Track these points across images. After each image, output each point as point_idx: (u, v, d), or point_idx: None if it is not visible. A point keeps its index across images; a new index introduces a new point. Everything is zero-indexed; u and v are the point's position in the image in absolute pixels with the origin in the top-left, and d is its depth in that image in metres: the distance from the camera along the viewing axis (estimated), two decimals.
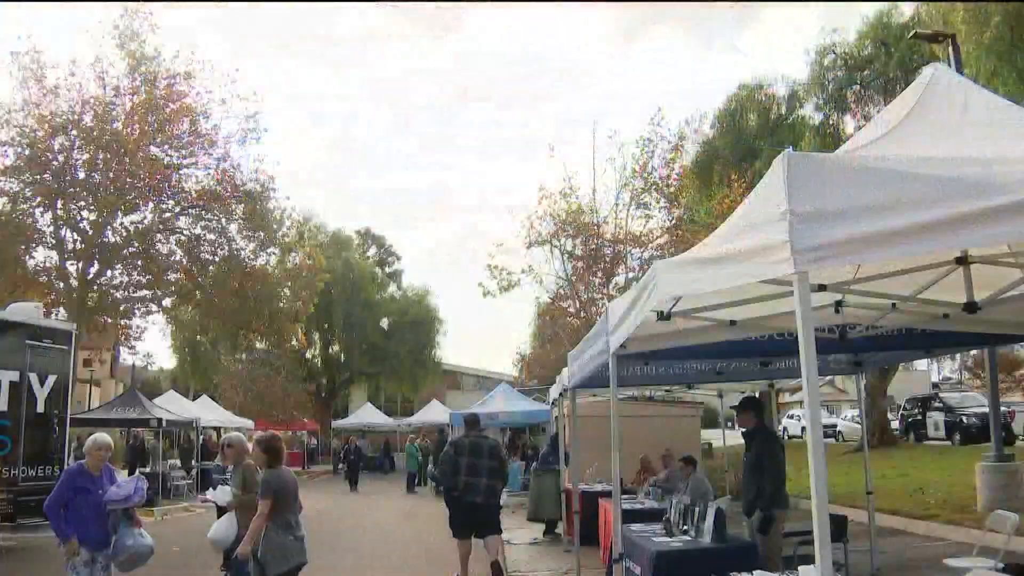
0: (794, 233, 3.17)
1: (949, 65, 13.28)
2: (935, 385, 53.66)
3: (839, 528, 9.60)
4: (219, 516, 9.26)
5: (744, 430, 9.12)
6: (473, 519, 11.27)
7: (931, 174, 3.25)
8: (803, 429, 42.83)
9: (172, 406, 30.37)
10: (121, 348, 34.21)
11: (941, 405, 32.29)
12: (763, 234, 3.43)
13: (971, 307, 5.95)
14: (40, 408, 14.86)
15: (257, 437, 8.15)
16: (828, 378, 28.87)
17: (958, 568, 7.76)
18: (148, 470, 27.48)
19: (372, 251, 60.25)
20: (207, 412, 33.64)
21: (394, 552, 14.85)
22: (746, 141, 31.21)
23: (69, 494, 7.55)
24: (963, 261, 5.35)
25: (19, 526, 15.05)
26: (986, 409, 24.53)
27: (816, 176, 3.31)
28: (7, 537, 15.27)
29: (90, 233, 26.37)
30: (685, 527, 8.37)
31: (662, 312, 5.43)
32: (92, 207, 26.28)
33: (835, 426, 40.10)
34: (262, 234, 28.87)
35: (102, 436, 8.12)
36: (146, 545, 7.99)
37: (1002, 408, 19.55)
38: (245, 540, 7.23)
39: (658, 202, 28.83)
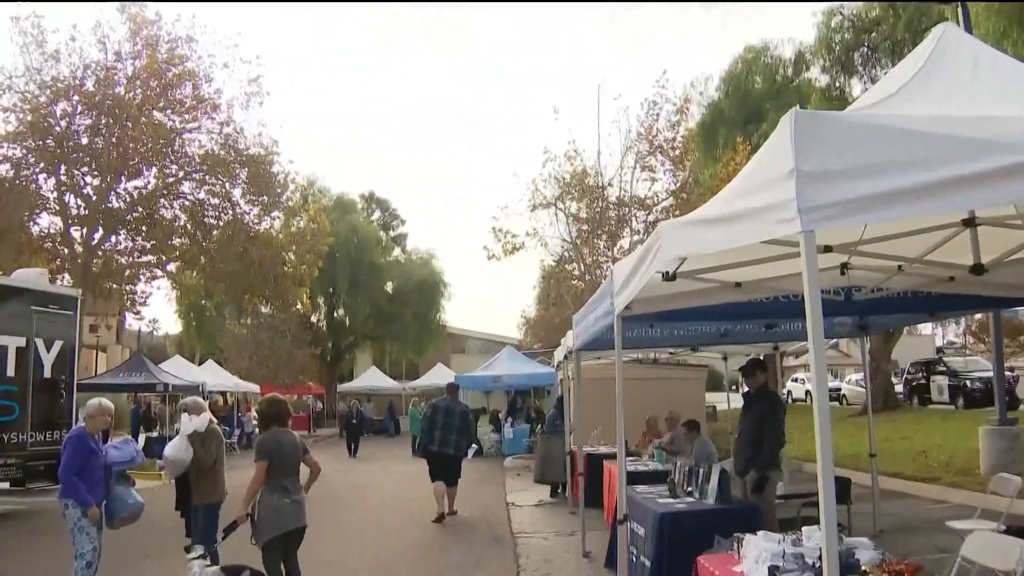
0: (801, 192, 3.14)
1: (958, 26, 13.14)
2: (939, 350, 53.64)
3: (842, 490, 9.66)
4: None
5: (746, 392, 9.14)
6: (443, 466, 14.07)
7: (940, 133, 3.22)
8: (807, 393, 42.93)
9: (178, 371, 30.48)
10: (127, 314, 34.31)
11: (945, 369, 32.27)
12: (769, 193, 3.41)
13: (978, 269, 5.92)
14: (47, 374, 14.94)
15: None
16: (833, 342, 28.91)
17: (960, 530, 7.78)
18: (155, 434, 27.68)
19: (376, 215, 60.22)
20: (213, 377, 33.76)
21: (399, 515, 14.93)
22: (752, 104, 31.04)
23: (83, 460, 7.60)
24: (970, 223, 5.32)
25: (28, 491, 15.20)
26: (990, 373, 24.52)
27: (823, 135, 3.27)
28: (17, 502, 15.42)
29: (94, 199, 26.38)
30: (689, 489, 8.41)
31: (667, 273, 5.42)
32: (95, 172, 26.29)
33: (839, 390, 40.13)
34: (266, 198, 28.85)
35: (106, 401, 8.16)
36: (139, 503, 8.12)
37: (1006, 372, 19.55)
38: (242, 503, 7.26)
39: (663, 165, 28.70)
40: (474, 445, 20.70)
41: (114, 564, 8.87)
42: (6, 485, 14.74)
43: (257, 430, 8.16)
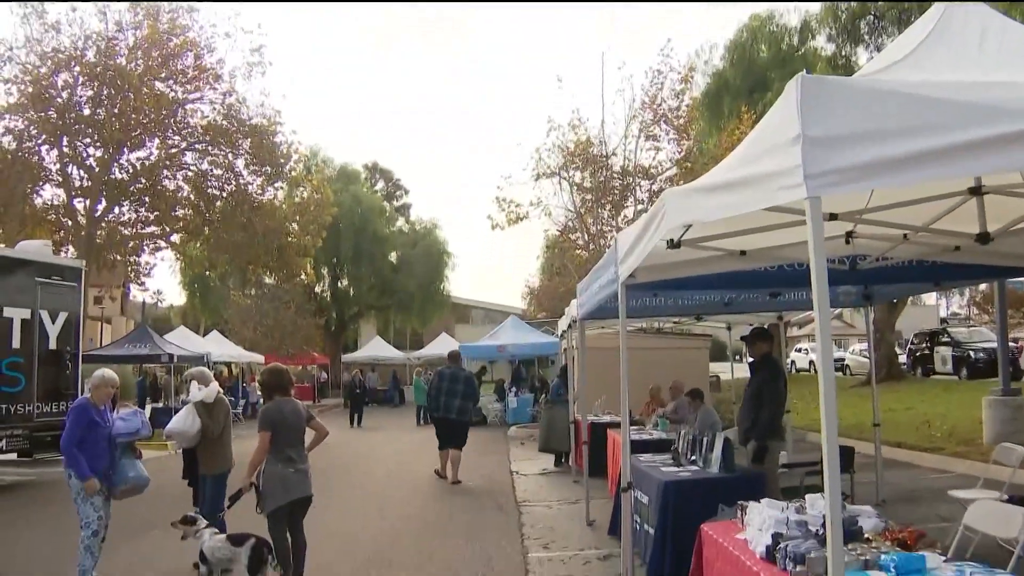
0: (807, 157, 3.11)
1: None
2: (943, 320, 53.68)
3: (846, 459, 9.68)
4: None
5: (751, 361, 9.15)
6: (449, 431, 14.74)
7: (947, 99, 3.18)
8: (811, 363, 43.04)
9: (183, 342, 30.58)
10: (131, 285, 34.31)
11: (949, 340, 32.27)
12: (774, 159, 3.38)
13: (983, 238, 5.89)
14: (52, 345, 15.00)
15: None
16: (837, 312, 28.84)
17: (963, 499, 7.81)
18: (160, 405, 27.81)
19: (380, 185, 60.08)
20: (218, 347, 33.87)
21: (403, 485, 15.01)
22: (757, 73, 30.84)
23: (84, 430, 7.63)
24: (977, 191, 5.28)
25: (35, 461, 15.31)
26: (994, 344, 24.50)
27: (830, 100, 3.24)
28: (25, 472, 15.53)
29: (97, 170, 26.34)
30: (693, 457, 8.43)
31: (672, 240, 5.39)
32: (98, 144, 26.23)
33: (843, 360, 40.16)
34: (269, 168, 28.78)
35: (110, 372, 8.17)
36: (145, 476, 8.12)
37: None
38: (246, 473, 7.33)
39: (667, 134, 28.55)
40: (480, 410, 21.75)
41: (121, 534, 8.93)
42: (13, 456, 14.84)
43: (261, 400, 8.18)
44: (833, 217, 5.32)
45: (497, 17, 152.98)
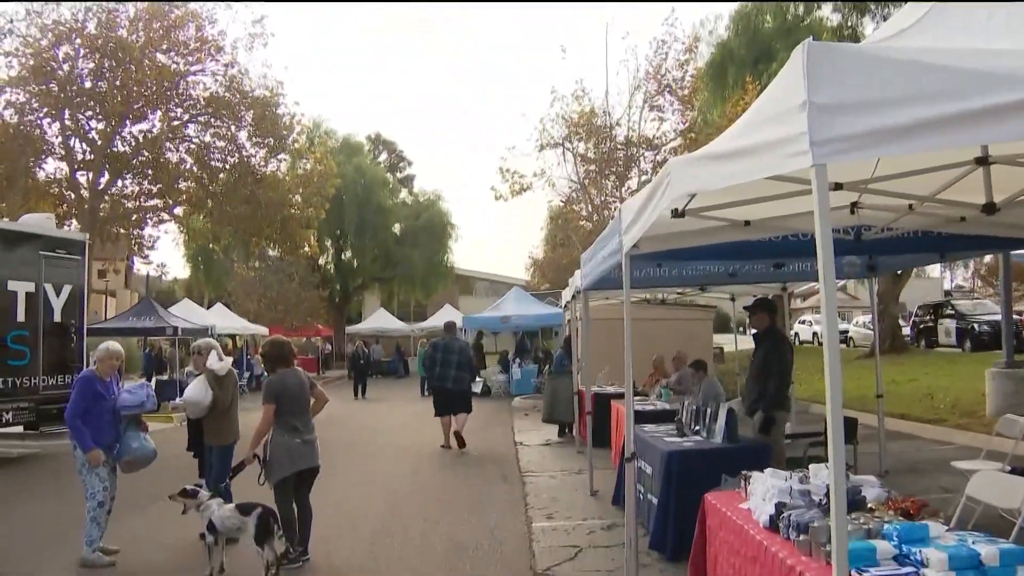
0: (813, 124, 3.08)
1: None
2: (947, 293, 53.56)
3: (849, 430, 9.68)
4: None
5: (755, 331, 9.14)
6: (447, 400, 15.26)
7: (955, 66, 3.15)
8: (814, 335, 43.06)
9: (187, 315, 30.60)
10: (135, 258, 34.38)
11: (953, 312, 32.27)
12: (780, 126, 3.34)
13: (990, 208, 5.85)
14: (57, 318, 15.01)
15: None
16: (840, 284, 28.81)
17: (965, 470, 7.82)
18: (166, 378, 27.87)
19: (383, 157, 59.87)
20: (222, 320, 33.91)
21: (407, 456, 15.07)
22: (762, 43, 30.58)
23: (88, 402, 7.66)
24: (983, 161, 5.23)
25: (42, 433, 15.38)
26: (997, 317, 24.48)
27: (837, 67, 3.20)
28: (31, 445, 15.60)
29: (99, 143, 26.28)
30: (697, 428, 8.45)
31: (676, 210, 5.37)
32: (99, 116, 26.15)
33: (846, 332, 40.17)
34: (272, 140, 28.70)
35: (115, 344, 8.19)
36: (150, 449, 8.18)
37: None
38: (250, 444, 7.41)
39: (671, 105, 28.43)
40: (478, 378, 22.72)
41: (127, 505, 8.98)
42: (20, 428, 14.90)
43: (266, 372, 8.23)
44: (838, 187, 5.28)
45: None
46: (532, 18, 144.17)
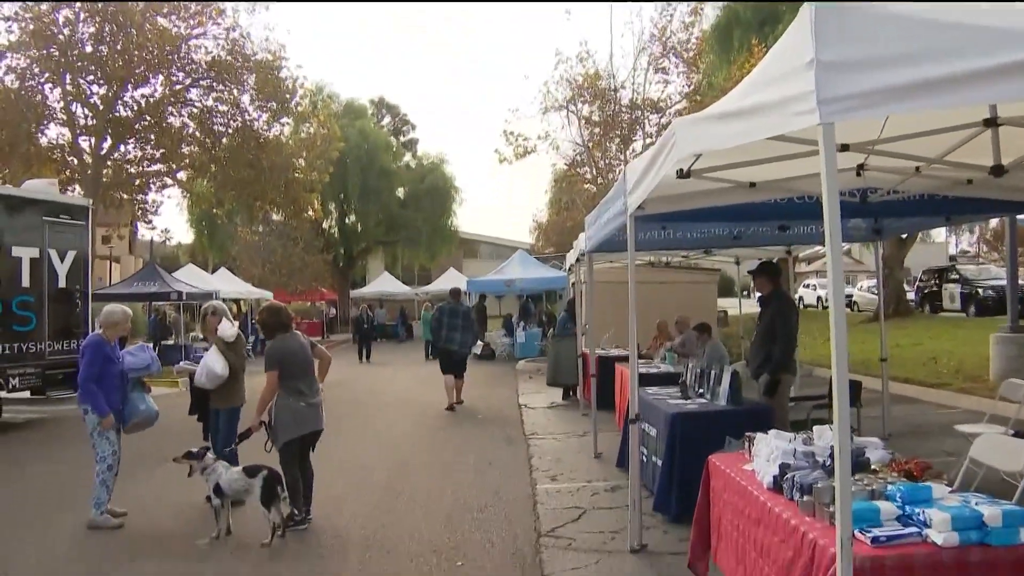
0: (820, 83, 3.04)
1: None
2: (952, 258, 53.43)
3: (853, 392, 9.67)
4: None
5: (760, 295, 9.12)
6: (451, 361, 16.06)
7: (965, 24, 3.11)
8: (818, 299, 43.01)
9: (191, 279, 30.62)
10: (138, 224, 34.28)
11: (957, 277, 32.17)
12: (787, 85, 3.31)
13: (998, 170, 5.81)
14: (61, 284, 15.04)
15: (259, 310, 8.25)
16: (845, 248, 28.69)
17: (969, 434, 7.82)
18: (171, 342, 27.96)
19: (386, 120, 59.61)
20: (226, 284, 33.93)
21: (412, 419, 15.13)
22: (768, 5, 30.27)
23: (99, 367, 7.71)
24: (992, 123, 5.18)
25: (48, 399, 15.47)
26: (1002, 282, 24.43)
27: (844, 25, 3.16)
28: (39, 410, 15.69)
29: (101, 108, 26.14)
30: (701, 390, 8.46)
31: (682, 170, 5.33)
32: (101, 81, 26.00)
33: (850, 296, 40.07)
34: (274, 104, 28.55)
35: (122, 307, 8.22)
36: (155, 410, 8.27)
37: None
38: (256, 411, 7.47)
39: (676, 67, 28.22)
40: (479, 342, 24.01)
41: (133, 468, 9.05)
42: (27, 394, 14.98)
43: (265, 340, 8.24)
44: (845, 148, 5.25)
45: None
46: None
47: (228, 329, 8.56)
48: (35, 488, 9.60)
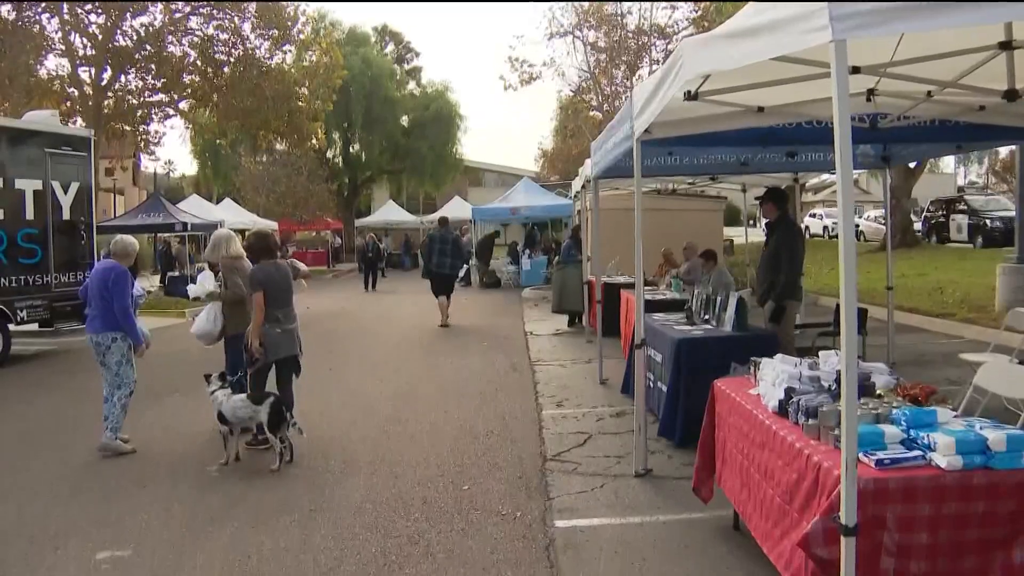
0: None
1: None
2: (960, 188, 53.02)
3: (859, 320, 9.67)
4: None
5: (767, 221, 9.07)
6: (440, 284, 17.98)
7: None
8: (824, 228, 42.83)
9: (196, 210, 30.59)
10: (142, 156, 34.13)
11: (965, 208, 31.95)
12: (799, 2, 3.23)
13: (1011, 95, 5.72)
14: (66, 216, 15.00)
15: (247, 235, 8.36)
16: (854, 176, 28.41)
17: (973, 362, 7.83)
18: (177, 273, 28.03)
19: (390, 48, 58.75)
20: (231, 215, 33.91)
21: (418, 346, 15.20)
22: None
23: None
24: (1007, 46, 5.08)
25: (56, 331, 15.56)
26: (1010, 213, 24.23)
27: None
28: (47, 342, 15.79)
29: (100, 37, 25.79)
30: (706, 317, 8.47)
31: (689, 92, 5.25)
32: (99, 10, 25.61)
33: (857, 226, 39.83)
34: (276, 32, 28.17)
35: (131, 238, 8.41)
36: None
37: None
38: (251, 335, 7.55)
39: None
40: (465, 266, 26.28)
41: (144, 398, 9.13)
42: (35, 326, 15.06)
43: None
44: (856, 70, 5.15)
45: None
46: None
47: (238, 248, 8.60)
48: (45, 419, 9.68)
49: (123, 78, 27.51)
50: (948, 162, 63.10)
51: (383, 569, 5.06)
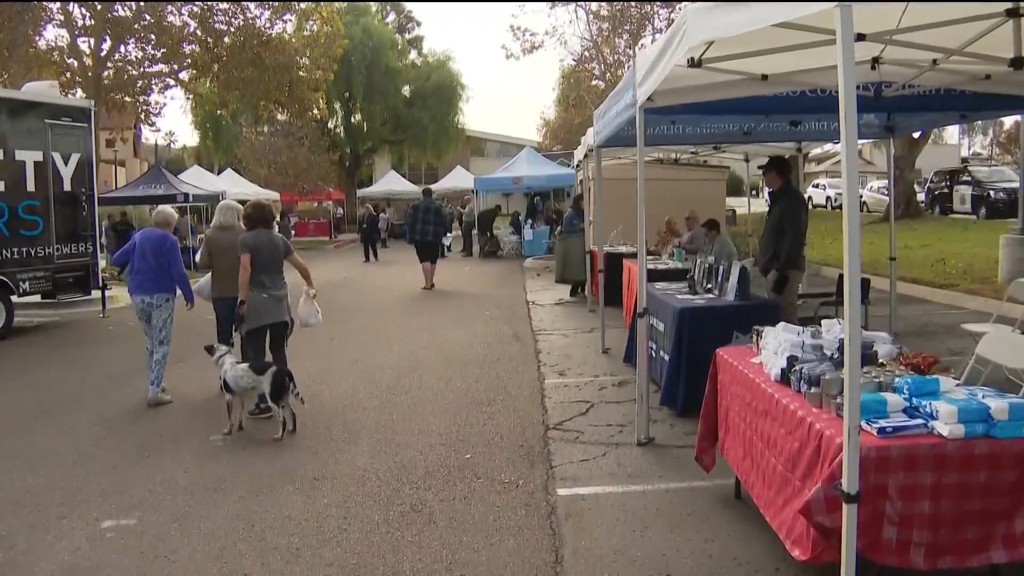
0: None
1: None
2: (964, 160, 52.81)
3: (862, 290, 9.63)
4: None
5: (770, 191, 9.04)
6: (424, 251, 19.24)
7: None
8: (828, 199, 42.74)
9: (197, 181, 30.50)
10: (142, 127, 34.00)
11: (969, 179, 31.80)
12: None
13: (1018, 63, 5.66)
14: (67, 187, 14.96)
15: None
16: (858, 145, 28.23)
17: (975, 333, 7.82)
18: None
19: (391, 17, 58.34)
20: (232, 185, 33.80)
21: (421, 316, 15.20)
22: None
23: None
24: (1015, 13, 5.03)
25: (59, 302, 15.59)
26: (1014, 184, 24.13)
27: None
28: (49, 313, 15.82)
29: (99, 8, 25.60)
30: (709, 286, 8.47)
31: (693, 59, 5.20)
32: None
33: (860, 197, 39.71)
34: (277, 1, 27.97)
35: (172, 209, 9.66)
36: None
37: None
38: (240, 294, 7.87)
39: None
40: (448, 234, 27.51)
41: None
42: (37, 298, 15.08)
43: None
44: (861, 38, 5.09)
45: None
46: None
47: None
48: (49, 390, 9.69)
49: (123, 48, 27.31)
50: (952, 133, 62.78)
51: (386, 537, 5.09)
